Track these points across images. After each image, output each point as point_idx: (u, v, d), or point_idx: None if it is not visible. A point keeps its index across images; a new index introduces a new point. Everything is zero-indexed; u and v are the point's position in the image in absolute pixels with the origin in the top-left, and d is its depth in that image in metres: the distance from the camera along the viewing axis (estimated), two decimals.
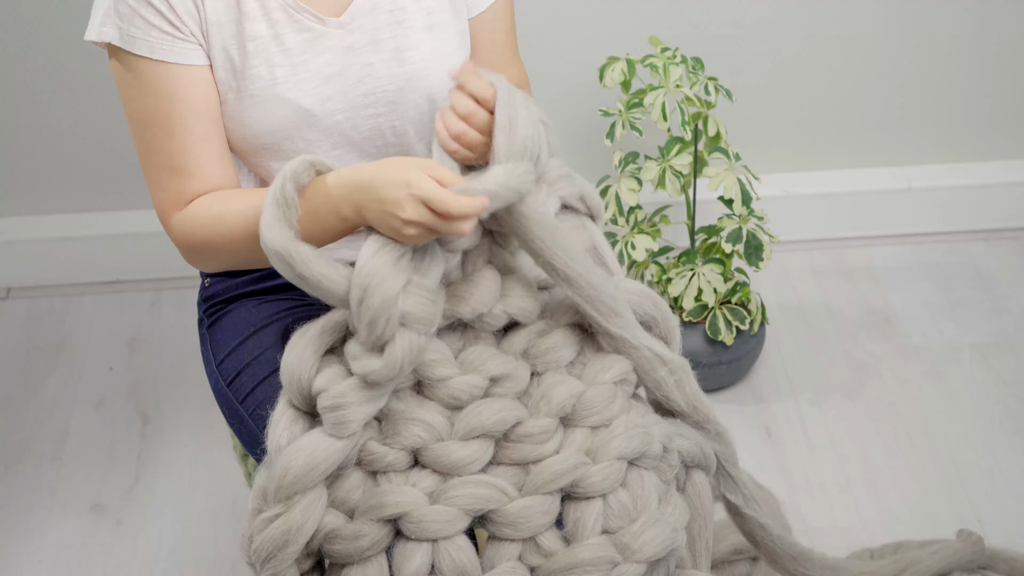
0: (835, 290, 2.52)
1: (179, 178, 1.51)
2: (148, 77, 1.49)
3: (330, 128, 1.55)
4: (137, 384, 2.38)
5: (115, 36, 1.48)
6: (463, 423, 1.40)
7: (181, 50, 1.49)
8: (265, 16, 1.50)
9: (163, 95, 1.49)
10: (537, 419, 1.42)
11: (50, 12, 2.34)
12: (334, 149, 1.56)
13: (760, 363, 2.36)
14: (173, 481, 2.19)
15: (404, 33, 1.54)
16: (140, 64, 1.48)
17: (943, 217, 2.62)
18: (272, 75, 1.51)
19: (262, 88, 1.51)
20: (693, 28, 2.40)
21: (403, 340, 1.34)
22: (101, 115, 2.44)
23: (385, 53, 1.54)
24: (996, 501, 2.10)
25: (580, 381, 1.46)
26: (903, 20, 2.44)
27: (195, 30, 1.49)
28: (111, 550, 2.08)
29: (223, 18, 1.49)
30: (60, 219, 2.56)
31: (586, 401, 1.44)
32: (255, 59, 1.50)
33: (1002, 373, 2.33)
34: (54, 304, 2.56)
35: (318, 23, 1.52)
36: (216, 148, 1.52)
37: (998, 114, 2.56)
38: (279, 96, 1.52)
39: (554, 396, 1.43)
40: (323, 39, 1.52)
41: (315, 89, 1.52)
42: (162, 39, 1.48)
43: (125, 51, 1.48)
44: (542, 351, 1.47)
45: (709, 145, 2.18)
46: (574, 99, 2.44)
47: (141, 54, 1.48)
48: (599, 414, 1.44)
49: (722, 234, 2.17)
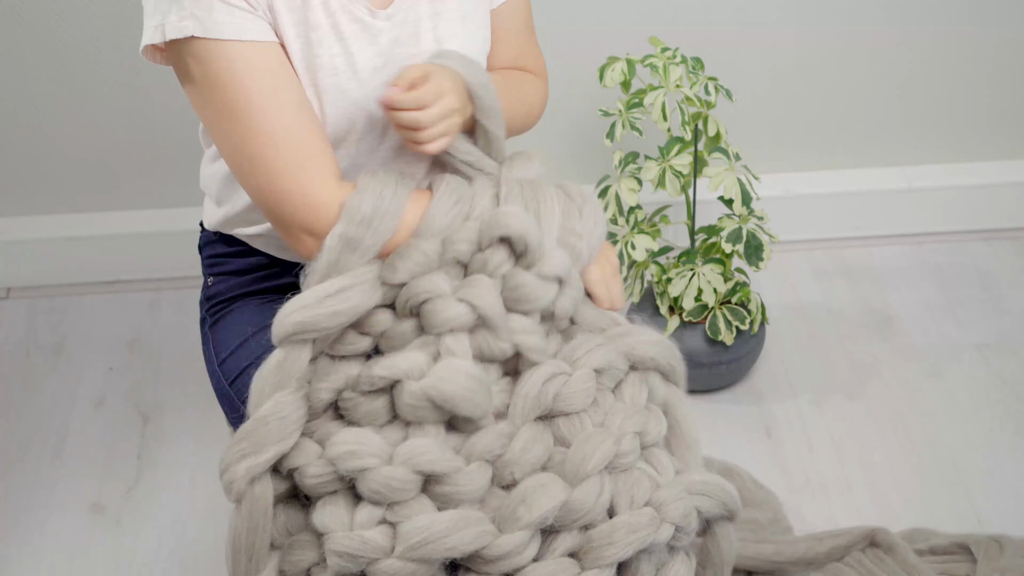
0: (835, 290, 2.52)
1: (315, 154, 1.45)
2: (242, 60, 1.42)
3: (377, 117, 1.53)
4: (137, 384, 2.38)
5: (196, 28, 1.41)
6: (416, 552, 1.35)
7: (263, 28, 1.45)
8: (324, 5, 1.49)
9: (262, 73, 1.43)
10: (512, 534, 1.36)
11: (50, 12, 2.34)
12: (383, 141, 1.56)
13: (760, 363, 2.36)
14: (173, 481, 2.18)
15: (443, 24, 1.55)
16: (230, 50, 1.42)
17: (943, 217, 2.62)
18: (333, 65, 1.49)
19: (324, 77, 1.49)
20: (693, 28, 2.40)
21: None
22: (101, 115, 2.44)
23: (425, 44, 1.54)
24: (996, 501, 2.10)
25: (562, 482, 1.38)
26: (903, 20, 2.44)
27: (266, 10, 1.46)
28: (111, 550, 2.08)
29: (286, 5, 1.47)
30: (60, 219, 2.56)
31: (573, 505, 1.38)
32: (318, 48, 1.48)
33: (1002, 373, 2.33)
34: (54, 304, 2.55)
35: (369, 15, 1.51)
36: (318, 128, 1.47)
37: (998, 114, 2.56)
38: (339, 86, 1.50)
39: (535, 503, 1.36)
40: (372, 30, 1.51)
41: (367, 80, 1.51)
42: (245, 18, 1.43)
43: (209, 41, 1.42)
44: (516, 455, 1.40)
45: (709, 145, 2.18)
46: (574, 99, 2.44)
47: (229, 38, 1.42)
48: (587, 516, 1.38)
49: (722, 234, 2.17)
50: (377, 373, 1.39)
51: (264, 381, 1.41)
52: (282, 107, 1.44)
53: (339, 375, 1.42)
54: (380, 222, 1.42)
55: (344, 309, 1.40)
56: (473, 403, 1.39)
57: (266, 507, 1.41)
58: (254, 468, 1.39)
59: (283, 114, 1.44)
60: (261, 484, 1.41)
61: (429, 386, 1.38)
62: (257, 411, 1.39)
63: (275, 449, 1.39)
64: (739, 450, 2.19)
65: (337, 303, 1.39)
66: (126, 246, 2.56)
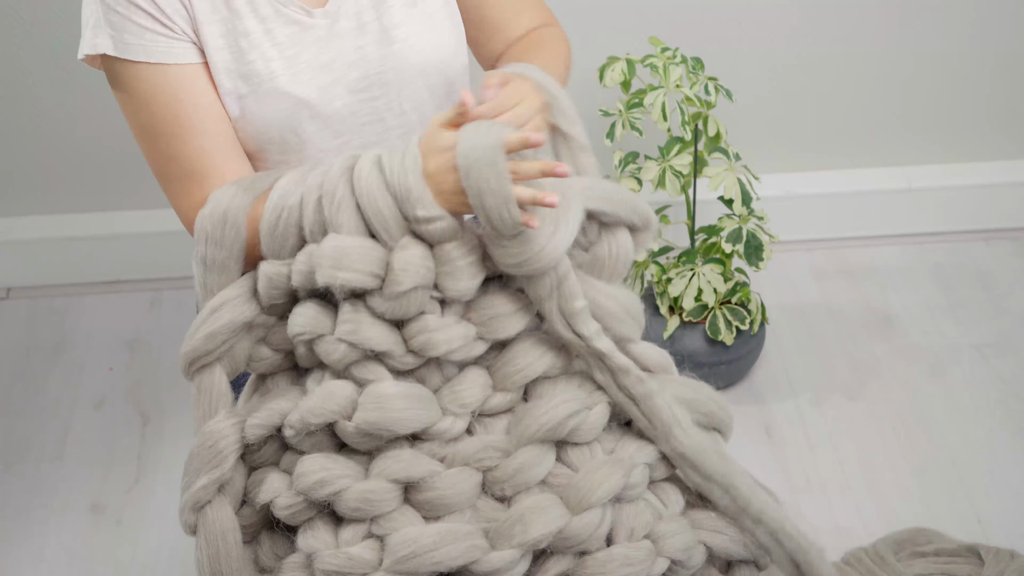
0: (835, 290, 2.52)
1: (201, 182, 1.48)
2: (148, 83, 1.47)
3: (331, 117, 1.55)
4: (137, 384, 2.38)
5: (109, 46, 1.46)
6: (403, 566, 1.34)
7: (178, 51, 1.48)
8: (254, 12, 1.50)
9: (167, 99, 1.47)
10: (502, 551, 1.35)
11: (49, 12, 2.34)
12: (336, 139, 1.56)
13: (760, 363, 2.36)
14: (173, 481, 2.18)
15: (387, 12, 1.55)
16: (138, 71, 1.47)
17: (943, 217, 2.62)
18: (269, 69, 1.51)
19: (261, 83, 1.51)
20: (693, 28, 2.40)
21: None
22: (101, 115, 2.44)
23: (371, 35, 1.54)
24: (996, 501, 2.10)
25: (563, 506, 1.37)
26: (903, 20, 2.44)
27: (186, 28, 1.48)
28: (111, 550, 2.08)
29: (211, 16, 1.49)
30: (60, 219, 2.57)
31: (570, 532, 1.36)
32: (250, 55, 1.50)
33: (1002, 373, 2.33)
34: (54, 304, 2.56)
35: (305, 15, 1.52)
36: (230, 145, 1.50)
37: (998, 114, 2.56)
38: (279, 89, 1.51)
39: (533, 525, 1.34)
40: (312, 30, 1.52)
41: (311, 79, 1.52)
42: (156, 41, 1.46)
43: (122, 60, 1.46)
44: (509, 473, 1.38)
45: (709, 145, 2.18)
46: (574, 99, 2.43)
47: (137, 59, 1.46)
48: (583, 545, 1.37)
49: (722, 234, 2.17)
50: (308, 420, 1.37)
51: (194, 417, 1.42)
52: (180, 134, 1.47)
53: (270, 412, 1.40)
54: (226, 234, 1.40)
55: (217, 329, 1.40)
56: (414, 421, 1.37)
57: (223, 532, 1.40)
58: (192, 497, 1.39)
59: (178, 142, 1.48)
60: (212, 511, 1.40)
61: (361, 421, 1.36)
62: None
63: (208, 476, 1.39)
64: (739, 450, 2.18)
65: (209, 324, 1.40)
66: (126, 246, 2.56)
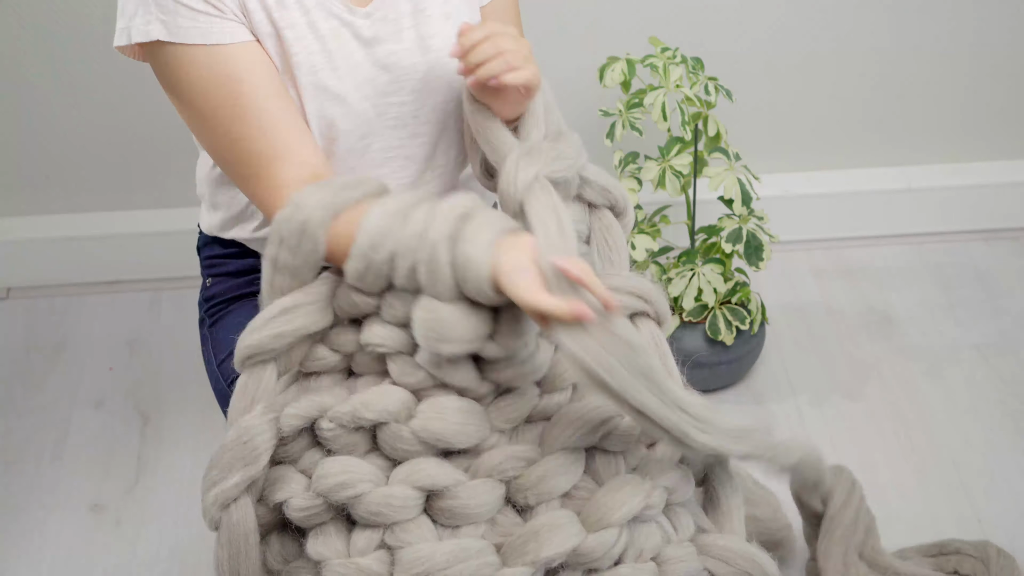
0: (835, 290, 2.52)
1: (271, 164, 1.44)
2: (205, 67, 1.43)
3: (359, 115, 1.54)
4: (137, 384, 2.38)
5: (162, 32, 1.42)
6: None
7: (231, 30, 1.45)
8: (298, 3, 1.49)
9: (226, 80, 1.43)
10: (514, 568, 1.33)
11: (50, 12, 2.34)
12: (361, 140, 1.56)
13: (760, 363, 2.36)
14: (173, 481, 2.18)
15: (425, 21, 1.55)
16: (194, 55, 1.43)
17: (943, 217, 2.62)
18: (311, 63, 1.50)
19: (303, 75, 1.50)
20: (693, 28, 2.40)
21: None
22: (101, 115, 2.44)
23: (407, 42, 1.54)
24: (996, 501, 2.10)
25: (579, 523, 1.35)
26: (903, 20, 2.44)
27: (236, 10, 1.46)
28: (111, 550, 2.08)
29: (258, 5, 1.47)
30: (60, 219, 2.56)
31: (584, 550, 1.34)
32: (294, 46, 1.49)
33: (1002, 373, 2.33)
34: (54, 304, 2.55)
35: (348, 12, 1.51)
36: (296, 123, 1.46)
37: (998, 114, 2.56)
38: (320, 83, 1.50)
39: (547, 543, 1.33)
40: (351, 27, 1.52)
41: (349, 75, 1.52)
42: (211, 23, 1.43)
43: (175, 45, 1.43)
44: (533, 481, 1.37)
45: (709, 145, 2.18)
46: (574, 99, 2.43)
47: (194, 42, 1.43)
48: (595, 563, 1.35)
49: (722, 234, 2.17)
50: (363, 415, 1.36)
51: (232, 407, 1.39)
52: (242, 116, 1.44)
53: (311, 403, 1.38)
54: (302, 245, 1.37)
55: (287, 331, 1.37)
56: (467, 435, 1.37)
57: (246, 533, 1.37)
58: (222, 495, 1.36)
59: (241, 124, 1.44)
60: (238, 510, 1.37)
61: (420, 428, 1.35)
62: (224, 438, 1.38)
63: (242, 474, 1.35)
64: None
65: (281, 324, 1.37)
66: (126, 246, 2.56)
